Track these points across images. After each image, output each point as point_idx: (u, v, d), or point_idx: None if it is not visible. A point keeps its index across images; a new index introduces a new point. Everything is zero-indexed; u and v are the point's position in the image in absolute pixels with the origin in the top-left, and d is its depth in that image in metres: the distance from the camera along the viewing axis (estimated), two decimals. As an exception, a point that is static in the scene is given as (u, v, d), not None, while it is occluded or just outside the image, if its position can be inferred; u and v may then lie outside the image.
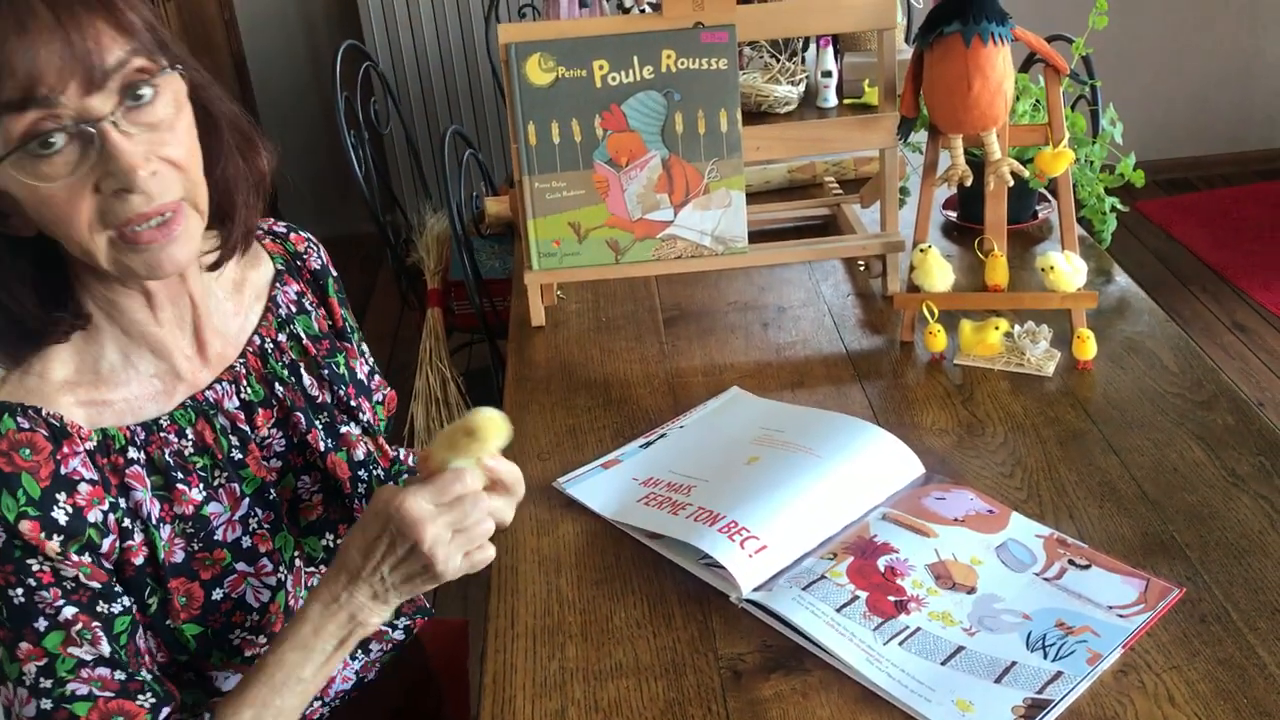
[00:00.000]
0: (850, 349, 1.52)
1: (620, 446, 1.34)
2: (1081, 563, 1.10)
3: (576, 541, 1.20)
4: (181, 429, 0.99)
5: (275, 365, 1.06)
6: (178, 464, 0.97)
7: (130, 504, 0.94)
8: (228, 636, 0.99)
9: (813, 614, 1.05)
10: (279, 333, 1.08)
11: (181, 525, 0.97)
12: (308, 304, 1.13)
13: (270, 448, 1.05)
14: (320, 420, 1.08)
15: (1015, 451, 1.28)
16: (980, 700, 0.95)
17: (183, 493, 0.97)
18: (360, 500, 1.10)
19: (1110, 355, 1.44)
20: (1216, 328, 3.39)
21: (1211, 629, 1.01)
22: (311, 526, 1.07)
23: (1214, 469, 1.22)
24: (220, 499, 1.00)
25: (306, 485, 1.07)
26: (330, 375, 1.10)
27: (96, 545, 0.91)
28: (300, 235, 1.17)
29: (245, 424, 1.03)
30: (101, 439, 0.94)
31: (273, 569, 1.01)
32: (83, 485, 0.91)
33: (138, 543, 0.94)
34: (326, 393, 1.10)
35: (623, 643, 1.06)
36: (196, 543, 0.97)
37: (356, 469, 1.09)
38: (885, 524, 1.17)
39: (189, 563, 0.97)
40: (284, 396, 1.06)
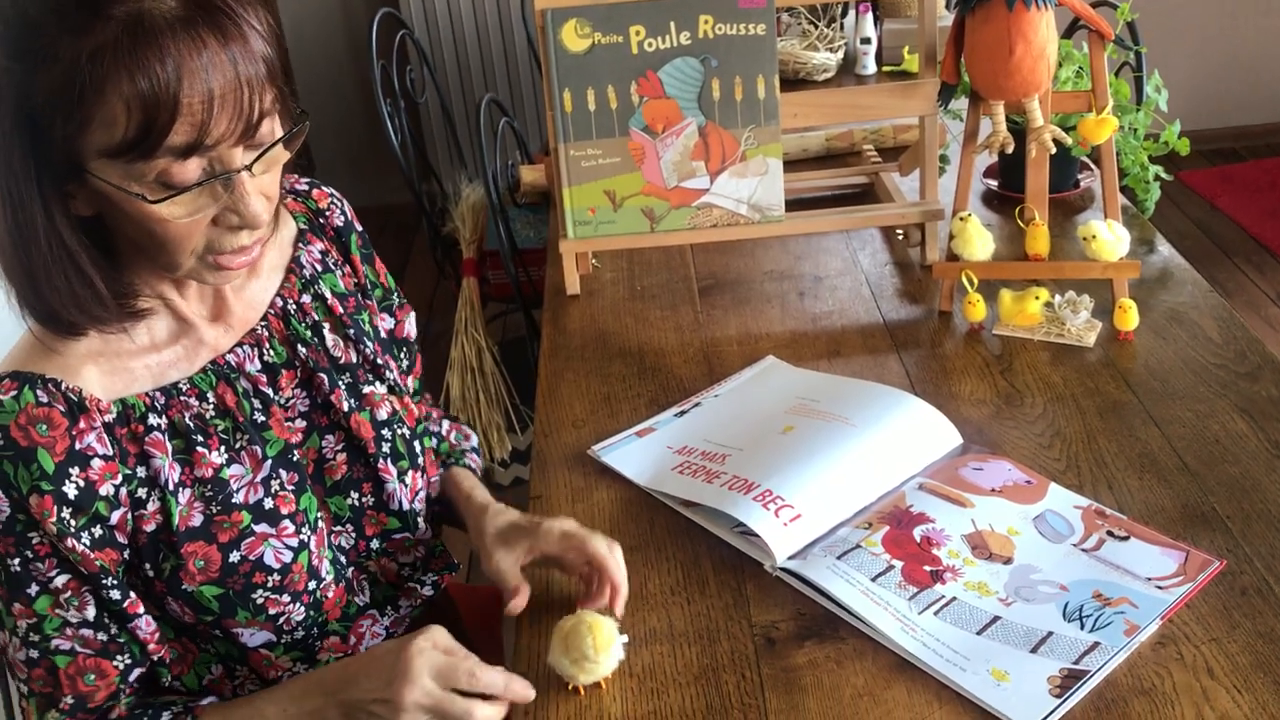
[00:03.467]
0: (888, 318, 1.51)
1: (655, 415, 1.34)
2: (1120, 534, 1.09)
3: (611, 509, 1.20)
4: (202, 393, 1.00)
5: (298, 327, 1.07)
6: (198, 427, 0.98)
7: (148, 472, 0.95)
8: (250, 596, 0.99)
9: (847, 583, 1.04)
10: (302, 294, 1.09)
11: (201, 488, 0.97)
12: (332, 262, 1.13)
13: (294, 408, 1.05)
14: (343, 380, 1.08)
15: (1054, 422, 1.26)
16: (1016, 670, 0.95)
17: (203, 455, 0.98)
18: (385, 459, 1.09)
19: (1152, 326, 1.42)
20: (1260, 300, 3.34)
21: (1252, 601, 1.00)
22: (337, 486, 1.07)
23: (1257, 440, 1.20)
24: (242, 461, 1.00)
25: (331, 445, 1.07)
26: (356, 333, 1.11)
27: (105, 518, 0.93)
28: (323, 191, 1.17)
29: (268, 386, 1.03)
30: (121, 410, 0.95)
31: (294, 530, 1.01)
32: (96, 461, 0.92)
33: (151, 511, 0.95)
34: (352, 351, 1.10)
35: (657, 609, 1.06)
36: (215, 505, 0.98)
37: (380, 428, 1.09)
38: (921, 494, 1.16)
39: (207, 526, 0.97)
40: (306, 357, 1.06)
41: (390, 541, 1.11)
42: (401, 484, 1.10)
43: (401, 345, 1.20)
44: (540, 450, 1.31)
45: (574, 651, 0.95)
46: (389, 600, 1.13)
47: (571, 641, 0.95)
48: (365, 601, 1.11)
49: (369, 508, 1.09)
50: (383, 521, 1.10)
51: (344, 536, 1.08)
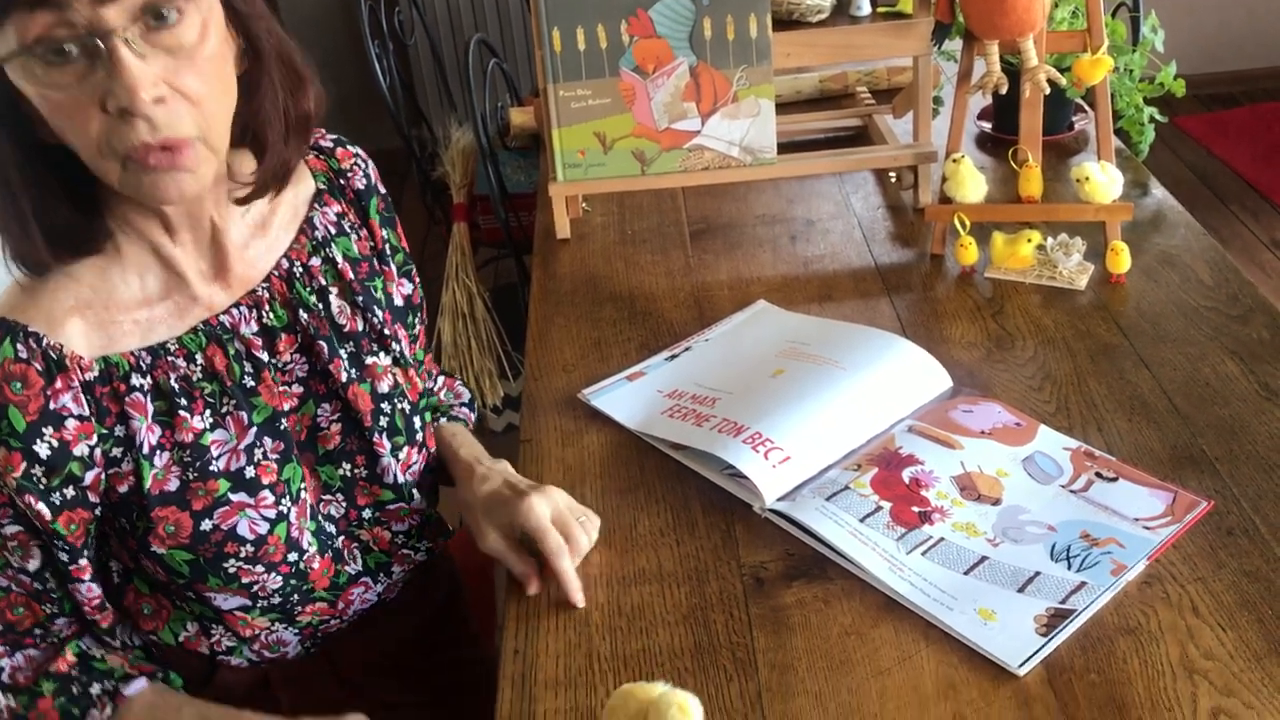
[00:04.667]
0: (879, 262, 1.50)
1: (645, 359, 1.34)
2: (1109, 475, 1.09)
3: (601, 452, 1.20)
4: (191, 354, 0.96)
5: (302, 290, 1.02)
6: (183, 390, 0.96)
7: (125, 433, 0.93)
8: (221, 565, 0.97)
9: (836, 524, 1.05)
10: (312, 256, 1.04)
11: (179, 453, 0.95)
12: (348, 226, 1.08)
13: (292, 373, 1.02)
14: (345, 349, 1.04)
15: (1045, 365, 1.26)
16: (1003, 609, 0.96)
17: (184, 420, 0.95)
18: (381, 434, 1.05)
19: (1144, 269, 1.41)
20: (1255, 246, 3.33)
21: (1239, 542, 1.01)
22: (329, 455, 1.04)
23: (1247, 383, 1.20)
24: (226, 426, 0.97)
25: (326, 414, 1.04)
26: (365, 301, 1.06)
27: (79, 478, 0.92)
28: (348, 150, 1.11)
29: (263, 350, 1.00)
30: (104, 368, 0.92)
31: (274, 501, 0.99)
32: (70, 421, 0.91)
33: (125, 471, 0.93)
34: (359, 320, 1.06)
35: (646, 550, 1.06)
36: (192, 472, 0.95)
37: (379, 401, 1.05)
38: (911, 436, 1.16)
39: (182, 491, 0.95)
40: (308, 323, 1.02)
41: (384, 511, 1.09)
42: (395, 458, 1.06)
43: (418, 310, 1.16)
44: (530, 395, 1.31)
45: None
46: (381, 568, 1.11)
47: None
48: (357, 570, 1.08)
49: (361, 479, 1.06)
50: (375, 493, 1.07)
51: (334, 505, 1.06)
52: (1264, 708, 0.86)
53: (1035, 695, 0.89)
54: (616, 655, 0.96)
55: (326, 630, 1.09)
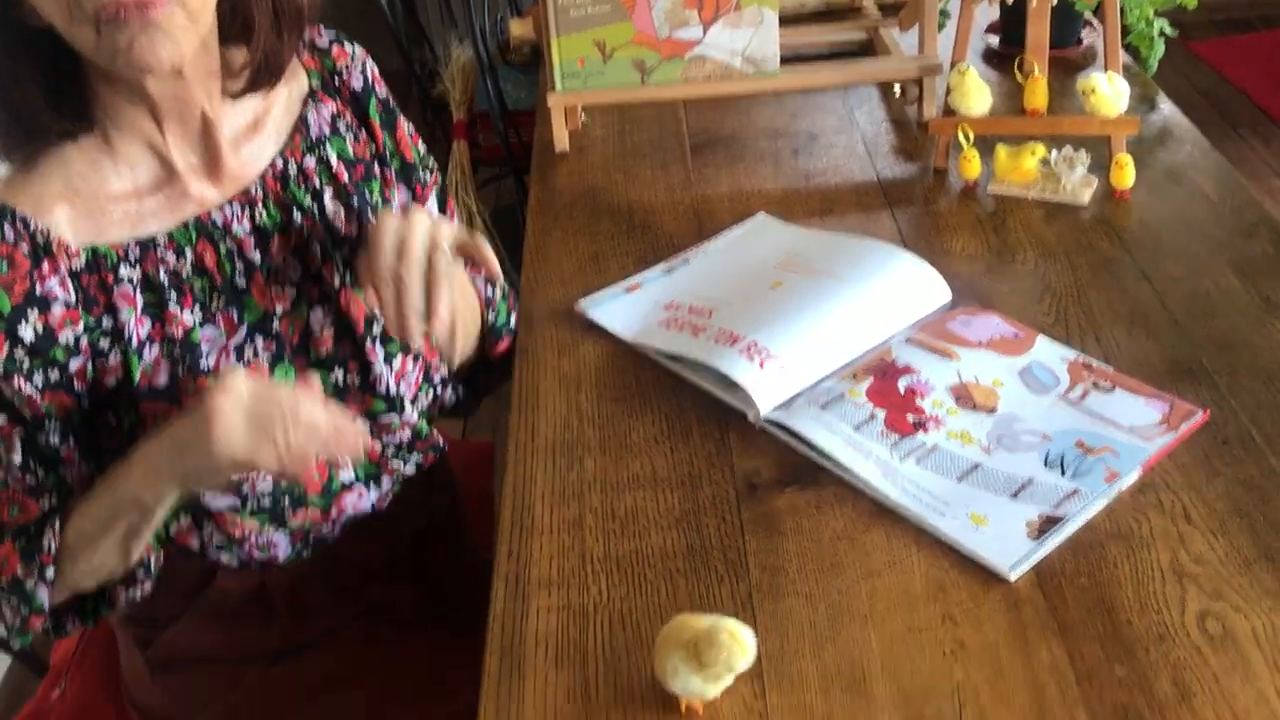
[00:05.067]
0: (882, 176, 1.49)
1: (643, 272, 1.33)
2: (1105, 385, 1.09)
3: (597, 362, 1.20)
4: (180, 248, 0.96)
5: (296, 191, 1.02)
6: (173, 284, 0.95)
7: (114, 325, 0.93)
8: None
9: (830, 432, 1.05)
10: (306, 156, 1.03)
11: (170, 347, 0.95)
12: (343, 126, 1.07)
13: (284, 276, 1.01)
14: (340, 254, 1.03)
15: (1045, 277, 1.25)
16: (994, 514, 0.96)
17: (174, 314, 0.95)
18: (374, 341, 1.05)
19: (1149, 184, 1.40)
20: (1264, 172, 3.29)
21: (1234, 451, 1.01)
22: (321, 361, 1.04)
23: (1249, 297, 1.19)
24: (216, 324, 0.97)
25: (319, 318, 1.03)
26: (360, 204, 1.05)
27: (63, 364, 0.91)
28: (343, 49, 1.09)
29: (256, 250, 0.99)
30: (91, 257, 0.92)
31: None
32: (57, 306, 0.90)
33: (113, 364, 0.93)
34: (354, 224, 1.05)
35: (640, 457, 1.06)
36: (182, 367, 0.95)
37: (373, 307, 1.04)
38: (908, 347, 1.15)
39: (172, 387, 0.95)
40: (301, 225, 1.01)
41: (375, 422, 1.08)
42: (388, 367, 1.06)
43: None
44: (527, 307, 1.30)
45: (715, 666, 0.78)
46: (371, 478, 1.11)
47: (712, 656, 0.78)
48: (349, 478, 1.09)
49: (354, 387, 1.05)
50: (368, 402, 1.07)
51: None
52: (1251, 610, 0.86)
53: (1025, 598, 0.89)
54: (609, 556, 0.96)
55: (318, 534, 1.09)
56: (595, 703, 0.84)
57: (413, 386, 1.09)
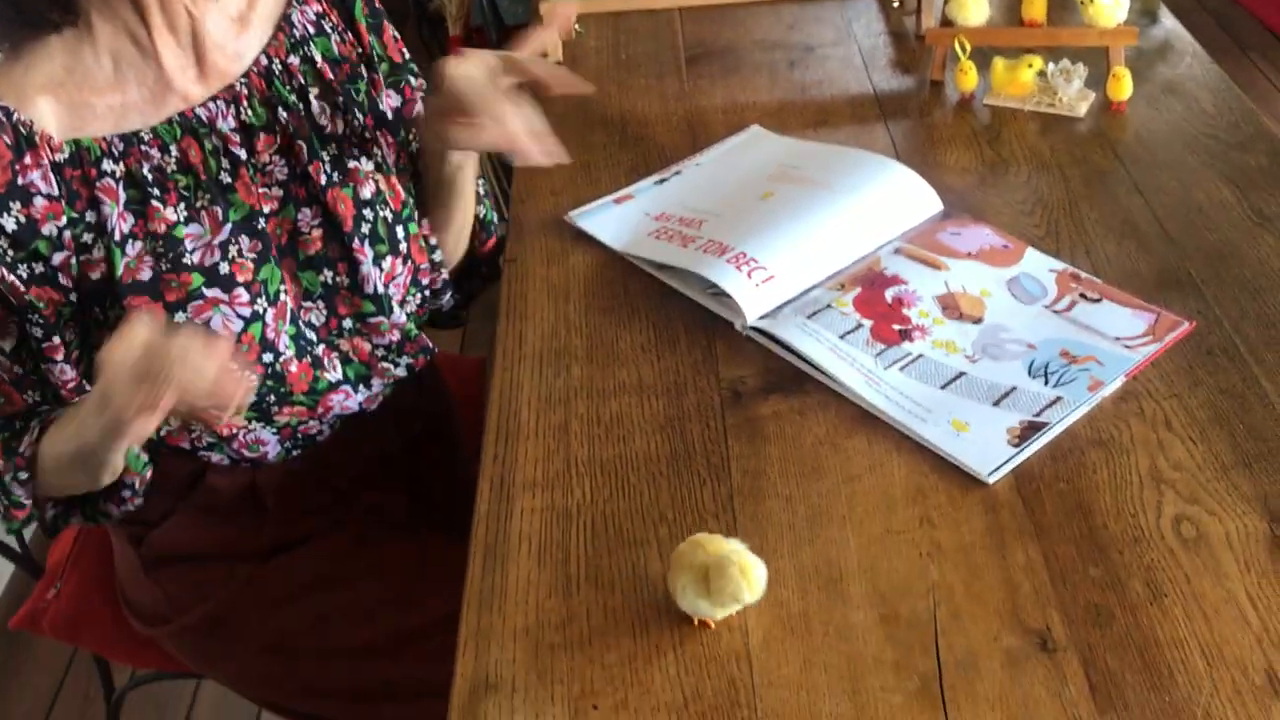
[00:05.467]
0: (878, 89, 1.47)
1: (634, 183, 1.32)
2: (1093, 296, 1.08)
3: (586, 272, 1.20)
4: (165, 144, 0.96)
5: (281, 89, 1.02)
6: (157, 180, 0.95)
7: (97, 219, 0.93)
8: None
9: (815, 340, 1.05)
10: (290, 54, 1.03)
11: (153, 243, 0.95)
12: (328, 26, 1.06)
13: (271, 175, 1.01)
14: (327, 152, 1.03)
15: (1038, 190, 1.24)
16: (976, 421, 0.96)
17: (157, 210, 0.94)
18: (363, 241, 1.05)
19: (1147, 97, 1.38)
20: (1272, 96, 3.25)
21: (1217, 360, 1.01)
22: (310, 261, 1.03)
23: (1241, 209, 1.18)
24: (201, 221, 0.97)
25: (306, 218, 1.03)
26: (346, 103, 1.05)
27: (46, 257, 0.91)
28: None
29: (241, 148, 0.99)
30: (74, 150, 0.92)
31: (249, 300, 0.98)
32: (39, 199, 0.90)
33: (97, 258, 0.93)
34: (340, 123, 1.05)
35: (627, 364, 1.07)
36: (165, 263, 0.95)
37: (361, 207, 1.05)
38: (897, 258, 1.15)
39: (155, 282, 0.95)
40: (287, 123, 1.01)
41: (364, 323, 1.08)
42: (377, 268, 1.06)
43: (412, 125, 1.13)
44: (517, 216, 1.30)
45: (721, 595, 0.80)
46: (361, 379, 1.11)
47: (720, 585, 0.79)
48: (337, 378, 1.08)
49: (343, 288, 1.06)
50: (356, 304, 1.07)
51: (314, 313, 1.05)
52: (1225, 515, 0.87)
53: (1003, 502, 0.90)
54: (593, 460, 0.97)
55: (306, 431, 1.10)
56: (576, 599, 0.86)
57: (401, 289, 1.09)
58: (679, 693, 0.79)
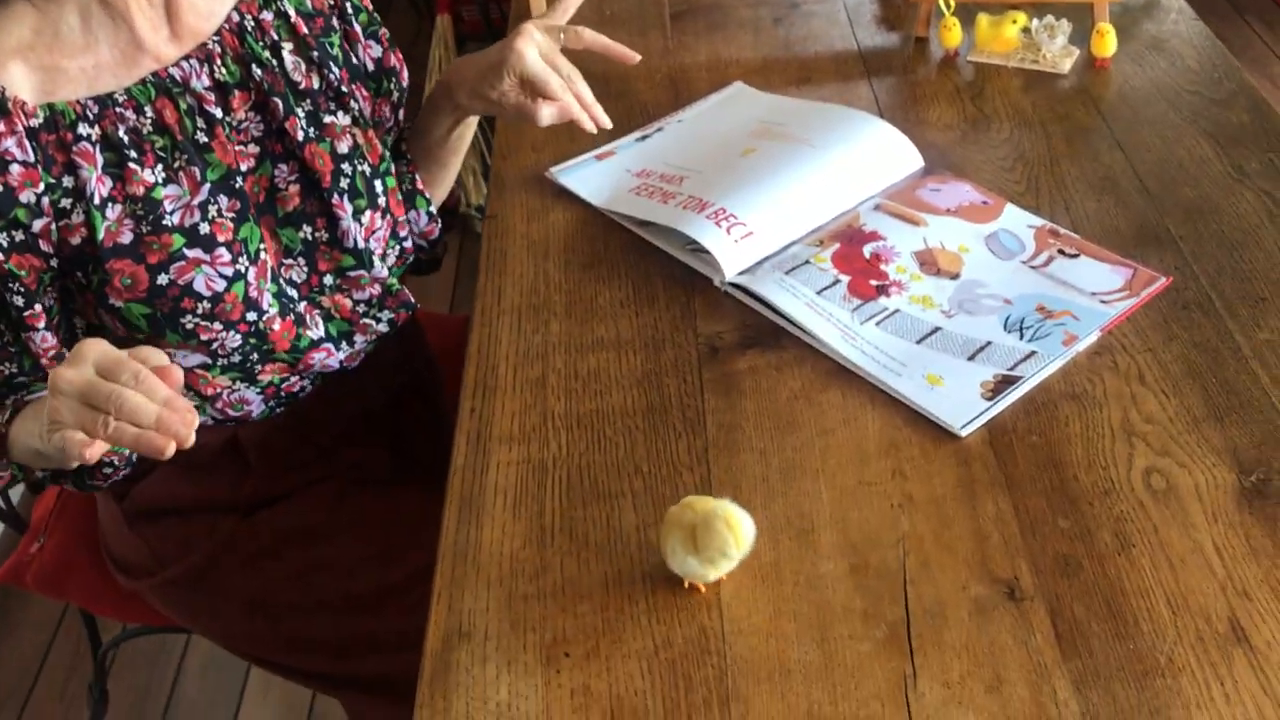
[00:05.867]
0: (863, 46, 1.46)
1: (616, 140, 1.32)
2: (1071, 252, 1.09)
3: (566, 229, 1.20)
4: (139, 105, 0.95)
5: (254, 45, 1.00)
6: (133, 142, 0.94)
7: (75, 183, 0.92)
8: (179, 321, 0.97)
9: (793, 295, 1.05)
10: (263, 10, 1.02)
11: (132, 206, 0.94)
12: None
13: (247, 132, 1.00)
14: (302, 107, 1.03)
15: (1019, 146, 1.24)
16: (950, 375, 0.97)
17: (135, 172, 0.94)
18: (342, 195, 1.04)
19: (1131, 54, 1.37)
20: (1267, 59, 3.23)
21: (1193, 315, 1.01)
22: (289, 218, 1.03)
23: (1220, 165, 1.18)
24: (179, 182, 0.96)
25: (284, 174, 1.02)
26: (320, 57, 1.05)
27: (25, 225, 0.90)
28: None
29: (216, 106, 0.98)
30: (49, 115, 0.91)
31: (230, 259, 0.97)
32: (15, 166, 0.89)
33: (76, 223, 0.92)
34: (315, 77, 1.04)
35: (605, 320, 1.07)
36: (145, 225, 0.94)
37: (340, 161, 1.04)
38: (877, 214, 1.15)
39: (136, 245, 0.94)
40: (261, 79, 1.00)
41: (345, 279, 1.08)
42: (357, 222, 1.05)
43: (390, 75, 1.12)
44: (498, 172, 1.29)
45: (709, 551, 0.79)
46: (344, 335, 1.11)
47: (706, 540, 0.79)
48: (319, 335, 1.08)
49: (322, 243, 1.05)
50: (337, 259, 1.06)
51: (295, 270, 1.05)
52: (1195, 466, 0.88)
53: (975, 454, 0.91)
54: (570, 414, 0.98)
55: (289, 389, 1.10)
56: (550, 550, 0.86)
57: (381, 243, 1.09)
58: (650, 640, 0.80)
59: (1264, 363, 0.96)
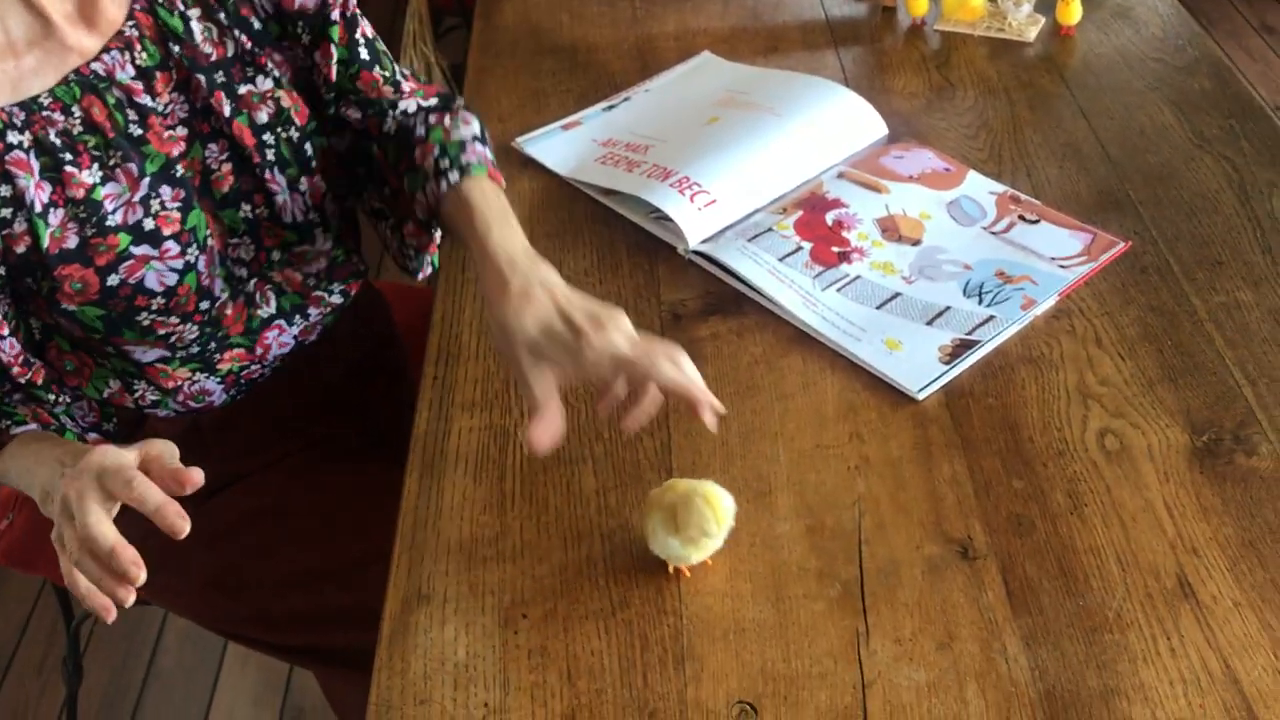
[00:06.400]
0: (830, 15, 1.46)
1: (583, 110, 1.32)
2: (1031, 218, 1.09)
3: (532, 198, 1.20)
4: (67, 106, 0.91)
5: (168, 19, 0.95)
6: (66, 144, 0.90)
7: (13, 192, 0.89)
8: (134, 319, 0.95)
9: (755, 263, 1.06)
10: None
11: (74, 209, 0.91)
12: None
13: (173, 115, 0.96)
14: (218, 80, 0.97)
15: (983, 114, 1.25)
16: (909, 340, 0.98)
17: (72, 175, 0.90)
18: (271, 169, 0.99)
19: (1097, 22, 1.38)
20: (1244, 30, 3.24)
21: (1150, 279, 1.02)
22: (226, 199, 0.99)
23: (1182, 131, 1.19)
24: (118, 179, 0.92)
25: (215, 154, 0.98)
26: (228, 21, 0.98)
27: None
28: None
29: (145, 95, 0.94)
30: None
31: (180, 251, 0.95)
32: None
33: (19, 232, 0.90)
34: (226, 45, 0.98)
35: (569, 288, 1.07)
36: (90, 228, 0.91)
37: (260, 133, 0.99)
38: (840, 182, 1.16)
39: (83, 249, 0.91)
40: (181, 56, 0.95)
41: (291, 253, 1.05)
42: (294, 193, 1.02)
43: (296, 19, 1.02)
44: (464, 142, 1.29)
45: (690, 530, 0.79)
46: (297, 309, 1.09)
47: (686, 519, 0.78)
48: (270, 313, 1.06)
49: (264, 220, 1.02)
50: (280, 234, 1.03)
51: (243, 249, 1.02)
52: (1149, 428, 0.89)
53: (932, 417, 0.92)
54: (530, 381, 0.98)
55: (249, 376, 1.09)
56: (510, 514, 0.87)
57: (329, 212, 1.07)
58: (607, 601, 0.80)
59: (1219, 325, 0.97)
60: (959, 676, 0.74)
